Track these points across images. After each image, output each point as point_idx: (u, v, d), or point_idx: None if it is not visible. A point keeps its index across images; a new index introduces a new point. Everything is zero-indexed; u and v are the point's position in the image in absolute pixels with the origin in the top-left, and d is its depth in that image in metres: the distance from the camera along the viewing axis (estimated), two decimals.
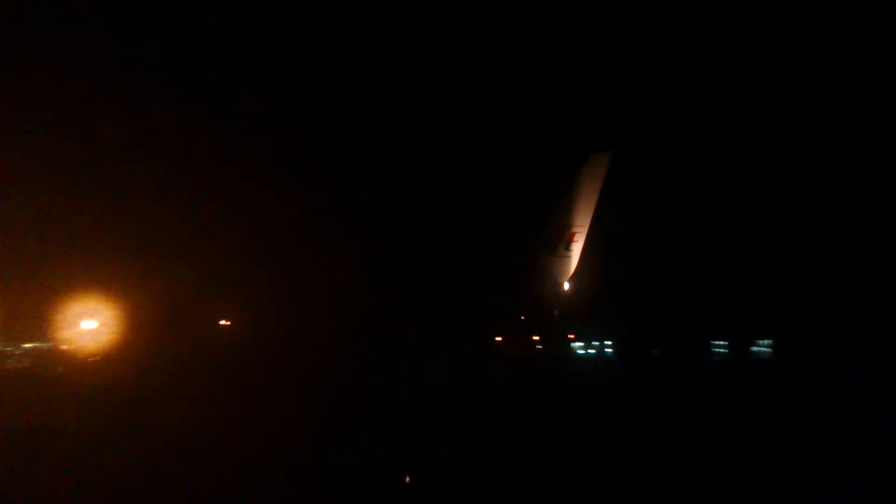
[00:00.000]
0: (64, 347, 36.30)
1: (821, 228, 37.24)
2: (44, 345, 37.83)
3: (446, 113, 43.16)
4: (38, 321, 35.73)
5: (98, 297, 34.83)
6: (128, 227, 37.60)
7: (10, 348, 37.96)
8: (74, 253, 36.33)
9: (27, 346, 39.19)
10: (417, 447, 16.93)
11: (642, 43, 40.96)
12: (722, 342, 42.38)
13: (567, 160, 38.10)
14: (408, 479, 14.67)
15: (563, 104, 41.90)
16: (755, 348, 42.18)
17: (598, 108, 41.46)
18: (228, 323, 38.83)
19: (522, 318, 37.79)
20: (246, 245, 38.09)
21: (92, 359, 34.75)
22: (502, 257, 37.99)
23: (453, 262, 38.41)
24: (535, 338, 37.53)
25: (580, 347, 42.14)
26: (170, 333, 34.99)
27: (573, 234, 37.37)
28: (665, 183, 38.26)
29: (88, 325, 35.47)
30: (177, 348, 33.59)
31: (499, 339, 37.24)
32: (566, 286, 37.28)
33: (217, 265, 37.16)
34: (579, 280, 36.23)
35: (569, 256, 37.44)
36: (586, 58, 41.54)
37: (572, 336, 40.17)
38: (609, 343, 42.66)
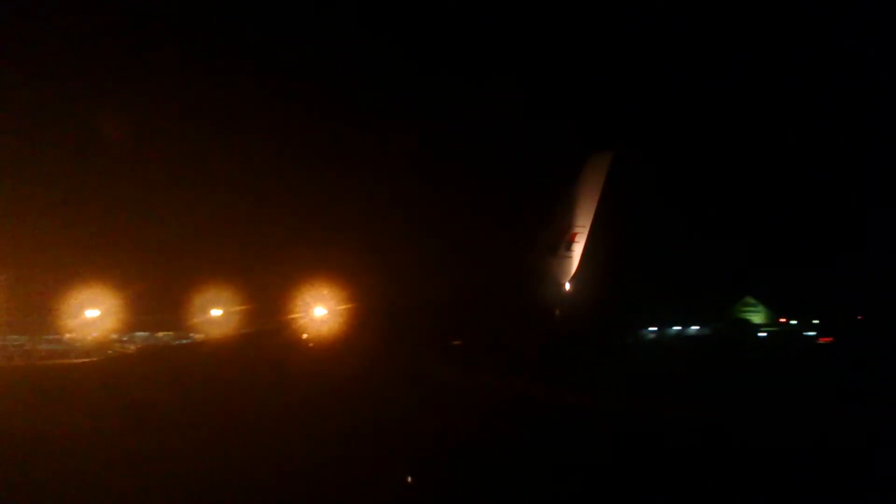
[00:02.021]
0: (196, 336, 35.11)
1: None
2: (169, 333, 36.52)
3: (448, 114, 43.17)
4: (169, 310, 34.84)
5: (226, 283, 33.56)
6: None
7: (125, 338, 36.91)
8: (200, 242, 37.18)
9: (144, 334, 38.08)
10: None
11: (643, 44, 40.97)
12: None
13: (568, 161, 38.20)
14: None
15: (564, 105, 41.97)
16: None
17: (598, 108, 41.54)
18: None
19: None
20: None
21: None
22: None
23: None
24: None
25: None
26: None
27: (574, 235, 37.46)
28: (667, 182, 38.35)
29: (216, 312, 34.43)
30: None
31: None
32: (567, 286, 37.51)
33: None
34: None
35: (570, 257, 37.63)
36: (587, 59, 41.55)
37: None
38: None
